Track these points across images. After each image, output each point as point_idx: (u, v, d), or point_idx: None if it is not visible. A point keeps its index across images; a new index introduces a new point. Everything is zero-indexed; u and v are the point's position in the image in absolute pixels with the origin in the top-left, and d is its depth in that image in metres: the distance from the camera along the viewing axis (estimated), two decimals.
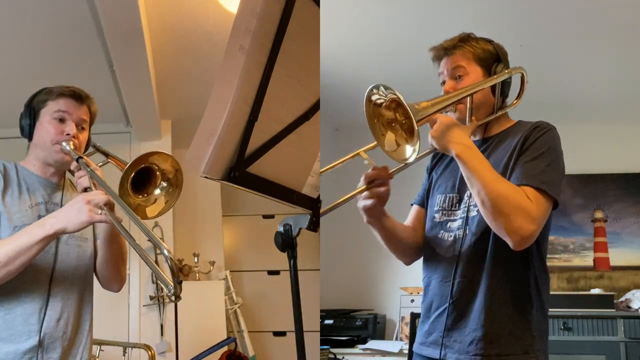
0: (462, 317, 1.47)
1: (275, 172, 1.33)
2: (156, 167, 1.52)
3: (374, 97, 1.37)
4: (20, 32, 2.71)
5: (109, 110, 3.58)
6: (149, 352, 3.02)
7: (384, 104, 1.38)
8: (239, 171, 1.23)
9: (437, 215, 1.60)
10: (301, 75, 1.33)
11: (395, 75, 3.35)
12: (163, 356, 3.56)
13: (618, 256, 4.17)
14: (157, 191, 1.54)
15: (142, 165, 1.48)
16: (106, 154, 1.74)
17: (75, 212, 1.41)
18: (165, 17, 2.70)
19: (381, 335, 3.99)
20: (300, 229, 1.37)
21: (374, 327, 3.89)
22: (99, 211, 1.42)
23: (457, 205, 1.56)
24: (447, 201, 1.59)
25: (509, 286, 1.44)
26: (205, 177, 1.19)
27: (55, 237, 1.47)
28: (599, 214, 4.25)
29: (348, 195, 1.44)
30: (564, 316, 3.59)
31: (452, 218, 1.56)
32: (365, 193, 1.48)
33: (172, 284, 1.23)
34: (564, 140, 1.51)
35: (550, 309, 1.51)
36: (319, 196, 1.46)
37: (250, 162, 1.25)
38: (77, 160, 1.57)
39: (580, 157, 4.24)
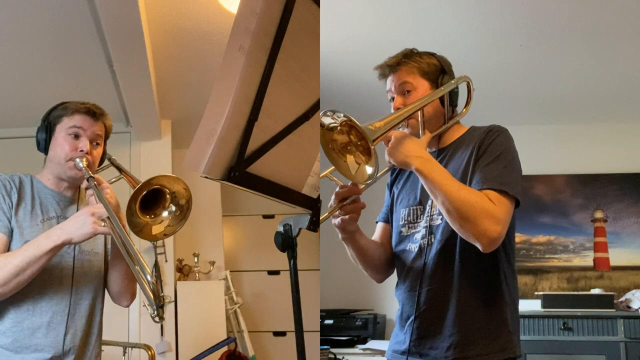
0: (435, 324, 1.50)
1: (275, 172, 1.33)
2: (167, 190, 1.54)
3: (326, 121, 1.38)
4: (21, 32, 2.71)
5: (109, 110, 3.56)
6: (149, 352, 3.02)
7: (336, 128, 1.38)
8: (239, 171, 1.23)
9: (403, 230, 1.63)
10: (301, 75, 1.33)
11: None
12: (163, 356, 3.56)
13: (618, 256, 4.17)
14: (165, 213, 1.56)
15: (153, 187, 1.51)
16: (120, 169, 1.79)
17: (80, 223, 1.48)
18: (166, 17, 2.70)
19: (381, 335, 3.99)
20: (300, 229, 1.36)
21: (374, 327, 3.89)
22: (103, 223, 1.48)
23: (421, 216, 1.59)
24: (411, 214, 1.62)
25: (481, 289, 1.48)
26: (205, 177, 1.19)
27: (62, 247, 1.51)
28: (599, 214, 4.25)
29: (324, 216, 1.45)
30: (564, 316, 3.58)
31: (417, 230, 1.59)
32: (338, 211, 1.51)
33: (155, 308, 1.30)
34: (563, 140, 1.52)
35: (550, 309, 1.53)
36: (319, 196, 1.46)
37: (250, 162, 1.25)
38: (87, 180, 1.60)
39: (580, 157, 4.24)
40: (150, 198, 1.52)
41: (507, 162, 1.45)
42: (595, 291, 3.88)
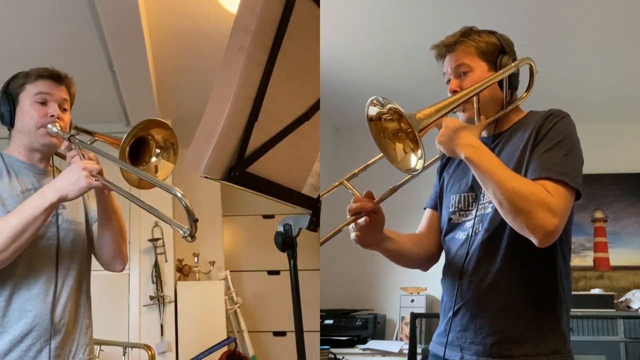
0: (477, 318, 1.41)
1: (275, 172, 1.33)
2: (149, 137, 1.53)
3: (372, 112, 1.31)
4: (20, 32, 2.71)
5: (109, 110, 3.58)
6: (149, 352, 3.01)
7: (384, 117, 1.31)
8: (239, 171, 1.23)
9: (453, 217, 1.54)
10: (301, 75, 1.33)
11: (395, 75, 3.35)
12: (163, 356, 3.56)
13: (618, 256, 4.17)
14: (154, 159, 1.54)
15: (135, 138, 1.49)
16: (91, 133, 1.69)
17: (73, 179, 1.41)
18: (165, 17, 2.70)
19: (381, 335, 3.99)
20: (300, 229, 1.36)
21: (374, 327, 3.89)
22: (95, 177, 1.42)
23: (473, 204, 1.49)
24: (462, 201, 1.53)
25: (534, 286, 1.38)
26: (205, 177, 1.19)
27: (58, 205, 1.46)
28: (599, 214, 4.25)
29: (328, 235, 1.41)
30: None
31: (468, 218, 1.50)
32: (352, 225, 1.43)
33: (188, 225, 1.27)
34: None
35: None
36: (319, 196, 1.46)
37: (250, 162, 1.25)
38: (68, 139, 1.52)
39: None
40: (134, 149, 1.49)
41: (568, 150, 1.34)
42: (595, 291, 3.88)
